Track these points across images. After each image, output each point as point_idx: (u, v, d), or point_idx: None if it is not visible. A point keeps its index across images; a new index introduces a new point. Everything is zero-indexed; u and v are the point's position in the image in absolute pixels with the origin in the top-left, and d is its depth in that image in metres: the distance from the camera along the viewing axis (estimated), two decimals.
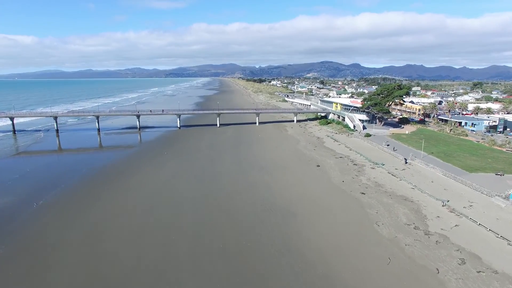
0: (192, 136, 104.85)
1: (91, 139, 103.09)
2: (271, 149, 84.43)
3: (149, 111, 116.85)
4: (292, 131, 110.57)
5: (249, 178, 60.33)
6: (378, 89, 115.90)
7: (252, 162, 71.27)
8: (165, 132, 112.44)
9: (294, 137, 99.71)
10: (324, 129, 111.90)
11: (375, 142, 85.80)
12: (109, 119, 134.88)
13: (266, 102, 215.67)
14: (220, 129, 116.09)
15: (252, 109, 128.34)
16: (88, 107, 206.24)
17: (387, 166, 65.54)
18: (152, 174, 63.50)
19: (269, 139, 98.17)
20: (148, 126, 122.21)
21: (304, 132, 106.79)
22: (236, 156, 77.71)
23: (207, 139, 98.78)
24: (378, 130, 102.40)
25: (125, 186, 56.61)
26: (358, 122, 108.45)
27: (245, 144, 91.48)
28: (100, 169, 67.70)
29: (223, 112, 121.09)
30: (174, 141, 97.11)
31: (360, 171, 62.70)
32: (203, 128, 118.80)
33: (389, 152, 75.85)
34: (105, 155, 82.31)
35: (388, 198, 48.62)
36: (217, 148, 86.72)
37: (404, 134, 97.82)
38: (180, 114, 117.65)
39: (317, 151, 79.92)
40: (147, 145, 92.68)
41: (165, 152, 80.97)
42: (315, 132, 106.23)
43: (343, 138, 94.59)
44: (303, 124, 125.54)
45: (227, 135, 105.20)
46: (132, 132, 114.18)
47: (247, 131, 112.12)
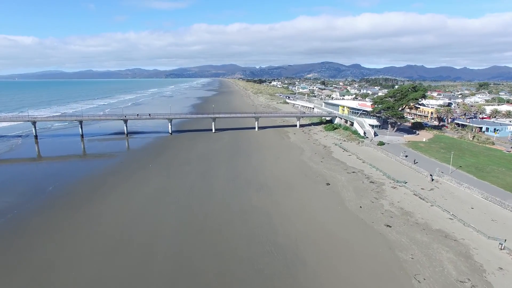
0: (183, 143, 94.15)
1: (71, 146, 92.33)
2: (271, 160, 73.68)
3: (135, 115, 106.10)
4: (295, 137, 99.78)
5: (244, 201, 49.54)
6: (390, 91, 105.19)
7: (249, 178, 60.48)
8: (154, 139, 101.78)
9: (298, 145, 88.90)
10: (331, 135, 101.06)
11: (391, 152, 75.01)
12: (96, 123, 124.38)
13: (266, 104, 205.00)
14: (215, 135, 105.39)
15: (251, 113, 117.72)
16: (81, 109, 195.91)
17: (411, 184, 54.77)
18: (129, 195, 52.75)
19: (269, 147, 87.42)
20: (137, 132, 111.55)
21: (308, 139, 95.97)
22: (231, 169, 66.96)
23: (200, 147, 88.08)
24: (392, 137, 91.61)
25: (93, 213, 45.83)
26: (368, 128, 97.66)
27: (243, 153, 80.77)
28: (70, 186, 56.97)
29: (219, 116, 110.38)
30: (163, 149, 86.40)
31: (379, 192, 51.89)
32: (197, 133, 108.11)
33: (410, 166, 64.99)
34: (82, 167, 71.66)
35: (423, 234, 37.81)
36: (210, 159, 76.01)
37: (421, 142, 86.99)
38: (172, 118, 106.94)
39: (325, 164, 69.12)
40: (132, 155, 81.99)
41: (150, 165, 70.22)
42: (320, 140, 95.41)
43: (353, 147, 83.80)
44: (306, 129, 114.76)
45: (223, 142, 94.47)
46: (118, 138, 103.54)
47: (245, 138, 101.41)
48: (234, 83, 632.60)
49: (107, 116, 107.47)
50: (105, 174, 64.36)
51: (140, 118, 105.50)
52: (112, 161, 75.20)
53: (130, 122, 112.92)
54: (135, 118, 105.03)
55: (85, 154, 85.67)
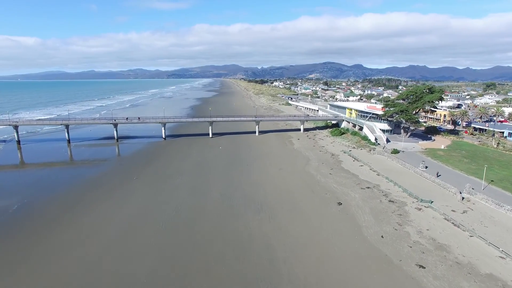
0: (177, 150, 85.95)
1: (55, 153, 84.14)
2: (273, 171, 65.29)
3: (125, 119, 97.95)
4: (299, 143, 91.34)
5: (241, 228, 41.14)
6: (403, 92, 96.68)
7: (247, 195, 52.15)
8: (146, 145, 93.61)
9: (303, 153, 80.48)
10: (338, 141, 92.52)
11: (407, 161, 66.46)
12: (86, 127, 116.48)
13: (268, 106, 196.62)
14: (212, 141, 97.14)
15: (251, 116, 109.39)
16: (77, 111, 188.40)
17: (438, 204, 46.28)
18: (105, 218, 44.51)
19: (271, 155, 79.06)
20: (128, 136, 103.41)
21: (314, 146, 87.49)
22: (227, 183, 58.62)
23: (194, 155, 79.85)
24: (405, 143, 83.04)
25: (54, 245, 37.61)
26: (379, 133, 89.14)
27: (241, 162, 72.46)
28: (37, 205, 48.80)
29: (216, 120, 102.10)
30: (154, 157, 78.20)
31: (402, 215, 43.40)
32: (193, 139, 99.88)
33: (433, 180, 56.42)
34: (60, 178, 63.36)
35: (470, 282, 29.29)
36: (204, 169, 67.74)
37: (439, 149, 78.40)
38: (165, 122, 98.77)
39: (334, 176, 60.65)
40: (118, 164, 73.82)
41: (135, 177, 61.97)
42: (327, 146, 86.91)
43: (364, 155, 75.29)
44: (311, 133, 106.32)
45: (220, 149, 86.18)
46: (107, 144, 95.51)
47: (244, 143, 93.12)
48: (236, 84, 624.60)
49: (95, 120, 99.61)
50: (84, 189, 56.13)
51: (130, 122, 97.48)
52: (95, 172, 67.06)
53: (122, 126, 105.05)
54: (125, 122, 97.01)
55: (67, 162, 77.59)
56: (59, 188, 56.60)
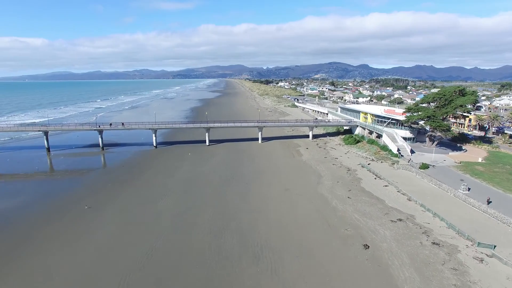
0: (166, 161, 74.46)
1: (25, 163, 73.07)
2: (278, 194, 53.26)
3: (109, 125, 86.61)
4: (308, 154, 79.14)
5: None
6: (428, 95, 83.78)
7: (244, 231, 40.21)
8: (133, 154, 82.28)
9: (313, 166, 68.28)
10: (353, 151, 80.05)
11: (443, 181, 53.91)
12: (73, 133, 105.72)
13: (273, 108, 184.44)
14: (209, 150, 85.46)
15: (253, 121, 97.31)
16: (74, 113, 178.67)
17: (503, 249, 33.87)
18: (52, 267, 33.02)
19: (275, 170, 67.02)
20: (117, 144, 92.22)
21: (325, 157, 75.19)
22: (220, 211, 46.73)
23: (185, 169, 68.23)
24: (433, 155, 70.38)
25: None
26: (402, 142, 76.53)
27: (239, 180, 60.58)
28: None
29: (213, 126, 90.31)
30: (138, 172, 66.75)
31: (458, 271, 31.03)
32: (187, 147, 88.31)
33: (484, 210, 43.83)
34: (17, 201, 52.11)
35: None
36: (194, 189, 56.01)
37: (477, 163, 65.58)
38: (156, 128, 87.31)
39: (354, 202, 48.43)
40: (94, 181, 62.26)
41: (86, 206, 50.42)
42: (341, 158, 74.53)
43: (387, 171, 62.88)
44: (321, 141, 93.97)
45: (216, 161, 74.46)
46: (90, 153, 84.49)
47: (245, 153, 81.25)
48: (240, 84, 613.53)
49: (77, 126, 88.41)
50: (39, 219, 44.75)
51: (114, 129, 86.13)
52: (63, 192, 55.72)
53: (111, 132, 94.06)
54: (108, 129, 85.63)
55: (30, 175, 65.94)
56: (8, 218, 45.31)
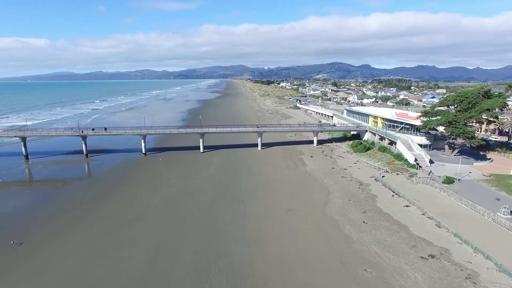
0: (154, 172, 66.22)
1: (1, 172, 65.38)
2: (279, 216, 44.79)
3: (91, 130, 78.40)
4: (313, 163, 70.67)
5: None
6: (448, 97, 74.94)
7: (235, 272, 31.74)
8: (120, 163, 74.04)
9: (319, 179, 59.76)
10: (364, 160, 71.46)
11: (473, 198, 45.35)
12: (56, 138, 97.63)
13: (274, 110, 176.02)
14: (203, 157, 77.17)
15: (252, 126, 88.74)
16: (67, 115, 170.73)
17: None
18: None
19: (276, 184, 58.55)
20: (103, 150, 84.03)
21: (333, 168, 66.59)
22: (208, 241, 38.27)
23: (174, 182, 59.91)
24: (456, 165, 61.82)
25: None
26: (419, 150, 67.94)
27: (234, 196, 52.17)
28: None
29: (208, 131, 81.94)
30: (119, 185, 58.53)
31: None
32: (179, 154, 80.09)
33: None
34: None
35: None
36: (181, 209, 47.69)
37: (509, 176, 56.97)
38: (145, 134, 79.07)
39: (371, 228, 39.92)
40: (67, 195, 53.89)
41: (12, 242, 42.19)
42: (351, 169, 65.93)
43: (405, 185, 54.37)
44: (327, 148, 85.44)
45: (210, 172, 66.10)
46: (72, 161, 76.43)
47: (242, 162, 72.87)
48: (241, 85, 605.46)
49: (58, 131, 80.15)
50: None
51: (97, 134, 77.92)
52: (22, 212, 47.54)
53: (100, 138, 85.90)
54: (93, 134, 77.47)
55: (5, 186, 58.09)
56: None
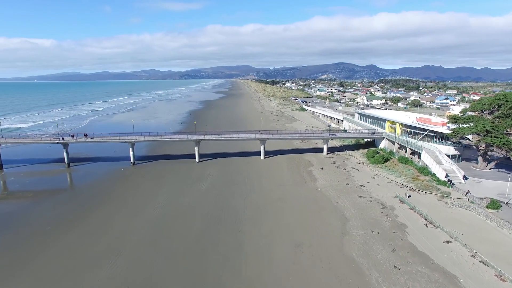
0: (140, 188, 57.16)
1: None
2: (283, 252, 35.23)
3: (70, 137, 69.58)
4: (324, 177, 60.96)
5: None
6: (481, 100, 64.31)
7: None
8: (103, 174, 65.13)
9: (332, 200, 50.09)
10: (383, 174, 61.53)
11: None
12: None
13: (279, 112, 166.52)
14: (197, 169, 67.95)
15: (255, 132, 79.03)
16: (66, 116, 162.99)
17: None
18: None
19: (280, 205, 49.00)
20: (87, 158, 75.37)
21: (348, 184, 56.78)
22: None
23: (161, 201, 50.75)
24: (496, 182, 51.84)
25: None
26: (449, 163, 57.86)
27: (230, 222, 42.78)
28: None
29: (204, 138, 72.73)
30: (97, 204, 49.52)
31: None
32: (172, 164, 71.01)
33: None
34: None
35: None
36: (164, 240, 38.45)
37: None
38: (133, 141, 70.11)
39: (407, 278, 30.16)
40: (33, 217, 44.98)
41: None
42: (369, 185, 56.02)
43: (438, 209, 44.52)
44: (338, 157, 75.63)
45: (204, 188, 56.82)
46: (51, 171, 67.72)
47: (242, 176, 63.43)
48: (246, 85, 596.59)
49: (36, 138, 71.56)
50: None
51: (76, 142, 69.16)
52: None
53: (85, 145, 77.42)
54: (75, 142, 68.76)
55: None
56: None
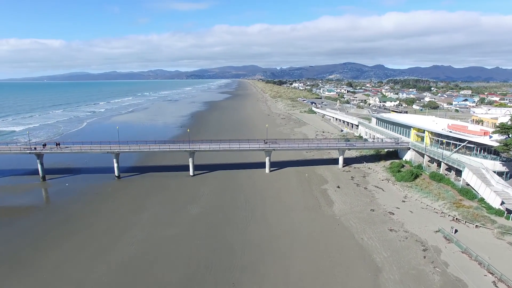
0: (117, 212, 47.04)
1: None
2: None
3: (41, 146, 59.67)
4: (342, 200, 49.92)
5: None
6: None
7: None
8: (81, 192, 55.16)
9: (355, 235, 39.04)
10: (415, 197, 50.16)
11: None
12: None
13: (287, 114, 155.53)
14: (190, 185, 57.56)
15: (259, 141, 68.16)
16: (63, 119, 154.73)
17: None
18: None
19: (288, 244, 38.19)
20: (68, 170, 65.62)
21: (373, 210, 45.55)
22: None
23: (136, 234, 40.48)
24: None
25: None
26: (501, 185, 46.36)
27: (223, 271, 32.14)
28: None
29: (200, 149, 62.24)
30: (55, 238, 39.46)
31: None
32: (162, 178, 60.78)
33: None
34: None
35: None
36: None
37: None
38: (117, 152, 60.08)
39: None
40: None
41: None
42: (400, 212, 44.78)
43: (503, 253, 33.35)
44: (356, 171, 64.41)
45: (194, 214, 46.32)
46: (21, 186, 58.11)
47: (242, 196, 52.69)
48: (252, 85, 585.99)
49: (3, 148, 61.91)
50: None
51: (50, 152, 59.33)
52: None
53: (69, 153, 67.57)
54: (49, 152, 59.00)
55: None
56: None
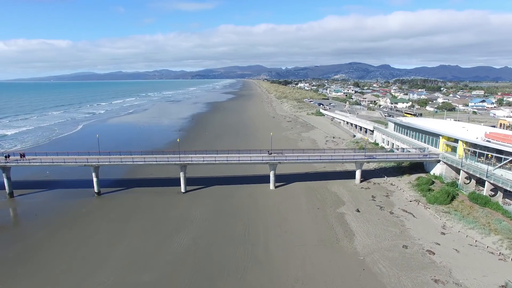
0: (87, 244, 38.03)
1: None
2: None
3: (3, 157, 50.89)
4: (364, 231, 40.31)
5: None
6: None
7: None
8: (47, 214, 46.50)
9: (386, 284, 29.57)
10: (455, 226, 40.24)
11: None
12: None
13: (293, 117, 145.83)
14: (180, 205, 48.41)
15: (262, 152, 58.79)
16: (60, 121, 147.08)
17: None
18: None
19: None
20: (42, 184, 56.98)
21: (406, 248, 35.68)
22: None
23: (107, 276, 31.39)
24: None
25: None
26: None
27: None
28: None
29: (192, 162, 52.98)
30: (16, 275, 30.72)
31: None
32: (149, 196, 51.72)
33: None
34: None
35: None
36: None
37: None
38: (96, 165, 51.17)
39: None
40: None
41: None
42: (443, 251, 35.01)
43: None
44: (377, 188, 54.65)
45: (180, 247, 37.10)
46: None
47: (242, 223, 43.28)
48: (257, 85, 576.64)
49: None
50: None
51: (17, 165, 50.58)
52: None
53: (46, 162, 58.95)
54: (16, 165, 50.23)
55: None
56: None
